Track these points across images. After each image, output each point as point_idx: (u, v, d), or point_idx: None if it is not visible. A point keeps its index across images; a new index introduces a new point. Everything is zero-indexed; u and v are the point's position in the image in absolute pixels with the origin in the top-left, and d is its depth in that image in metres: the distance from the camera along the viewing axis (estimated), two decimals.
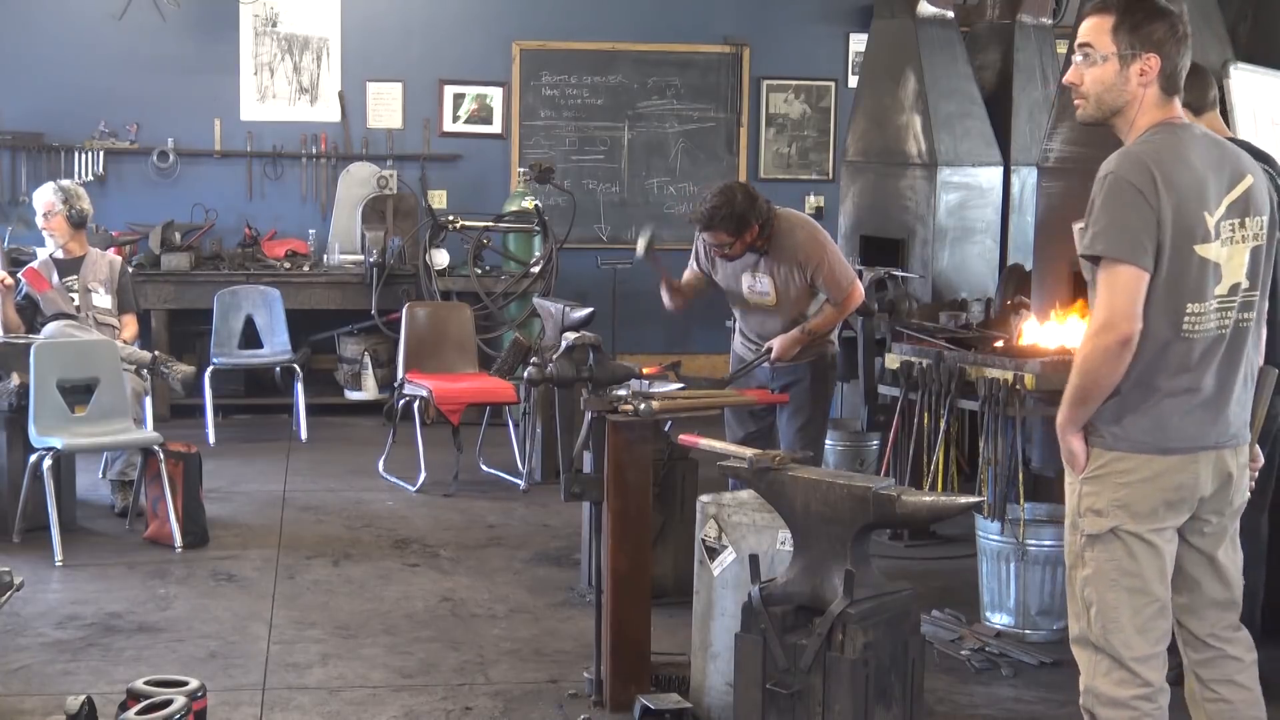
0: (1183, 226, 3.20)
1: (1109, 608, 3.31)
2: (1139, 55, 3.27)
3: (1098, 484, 3.31)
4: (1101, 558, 3.31)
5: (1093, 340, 3.22)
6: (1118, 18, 3.29)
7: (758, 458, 4.00)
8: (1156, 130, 3.28)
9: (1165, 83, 3.29)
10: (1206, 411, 3.30)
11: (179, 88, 9.92)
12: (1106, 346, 3.19)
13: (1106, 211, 3.19)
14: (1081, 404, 3.30)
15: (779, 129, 10.80)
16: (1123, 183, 3.18)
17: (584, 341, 4.64)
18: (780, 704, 3.79)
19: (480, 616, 5.58)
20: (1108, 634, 3.31)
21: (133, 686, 4.12)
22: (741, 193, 5.63)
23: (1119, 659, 3.30)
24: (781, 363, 5.84)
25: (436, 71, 10.29)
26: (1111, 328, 3.18)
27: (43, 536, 6.24)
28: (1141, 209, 3.16)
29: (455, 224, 9.46)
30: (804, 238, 5.76)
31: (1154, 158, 3.21)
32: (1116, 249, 3.17)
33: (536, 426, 7.73)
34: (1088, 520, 3.32)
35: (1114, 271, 3.18)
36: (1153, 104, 3.30)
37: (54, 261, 7.46)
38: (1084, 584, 3.35)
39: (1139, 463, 3.27)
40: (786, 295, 5.80)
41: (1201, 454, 3.30)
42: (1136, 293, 3.17)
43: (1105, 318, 3.19)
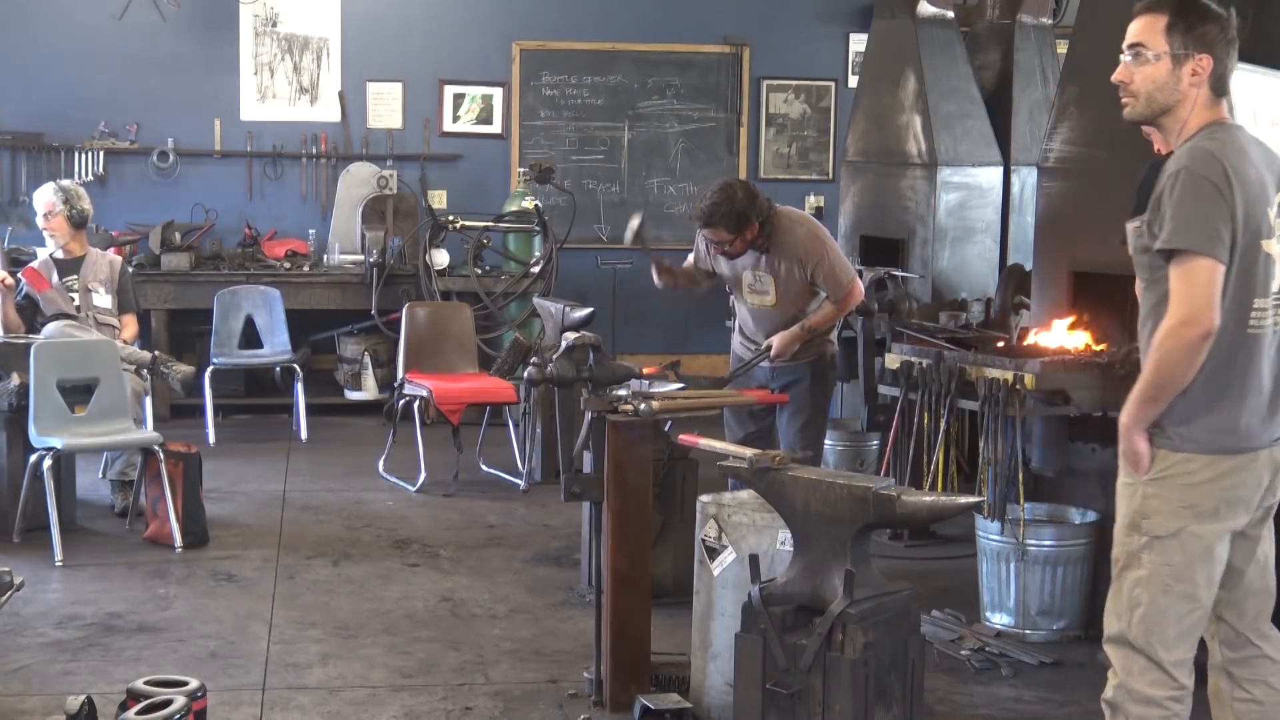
0: (1251, 221, 3.23)
1: (1157, 612, 3.31)
2: (1191, 55, 3.31)
3: (1162, 486, 3.31)
4: (1158, 561, 3.31)
5: (1174, 335, 3.20)
6: (1171, 17, 3.33)
7: (758, 458, 4.00)
8: (1213, 129, 3.31)
9: (1216, 83, 3.34)
10: (1266, 409, 3.33)
11: (179, 88, 9.92)
12: (1189, 341, 3.18)
13: (1183, 205, 3.19)
14: (1154, 401, 3.28)
15: (779, 129, 10.80)
16: (1198, 177, 3.19)
17: (584, 341, 4.64)
18: (780, 704, 3.79)
19: (480, 616, 5.58)
20: (1149, 636, 3.32)
21: (133, 686, 4.12)
22: (742, 190, 5.64)
23: (1157, 661, 3.32)
24: (781, 361, 5.84)
25: (436, 71, 10.29)
26: (1193, 322, 3.17)
27: (43, 536, 6.24)
28: (1218, 203, 3.18)
29: (455, 224, 9.46)
30: (804, 235, 5.77)
31: (1223, 153, 3.23)
32: (1196, 242, 3.17)
33: (536, 426, 7.73)
34: (1153, 522, 3.31)
35: (1193, 265, 3.18)
36: (1204, 104, 3.34)
37: (54, 261, 7.46)
38: (1135, 585, 3.34)
39: (1205, 463, 3.28)
40: (787, 294, 5.80)
41: (1261, 452, 3.34)
42: (1216, 286, 3.18)
43: (1187, 312, 3.18)
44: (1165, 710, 3.33)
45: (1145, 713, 3.33)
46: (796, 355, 5.83)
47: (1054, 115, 6.19)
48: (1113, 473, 5.36)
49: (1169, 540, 3.29)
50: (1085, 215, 5.71)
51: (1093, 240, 5.05)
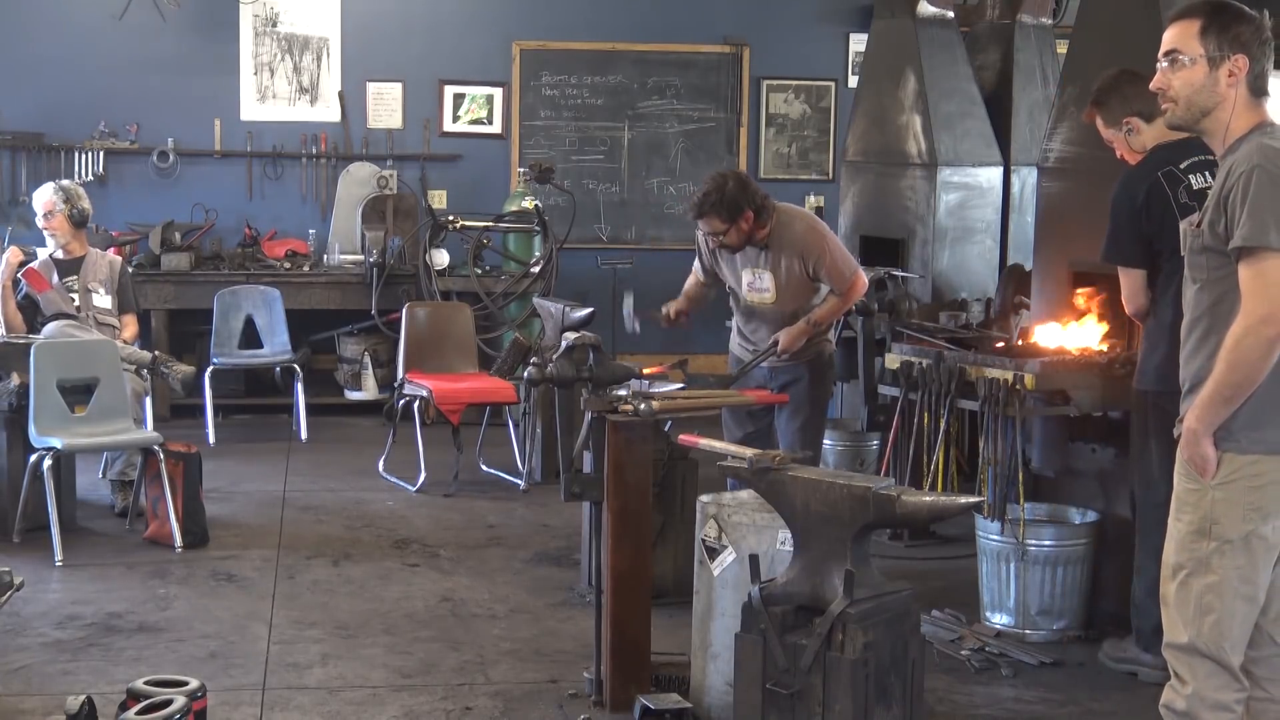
0: None
1: (1228, 616, 3.31)
2: (1227, 57, 3.31)
3: (1230, 490, 3.30)
4: (1229, 565, 3.30)
5: (1253, 334, 3.17)
6: (1205, 21, 3.34)
7: (758, 458, 4.00)
8: (1269, 128, 3.31)
9: (1254, 83, 3.34)
10: None
11: (179, 88, 9.93)
12: (1269, 339, 3.17)
13: (1261, 202, 3.17)
14: (1228, 403, 3.24)
15: (779, 129, 10.80)
16: (1272, 175, 3.19)
17: (584, 341, 4.64)
18: (780, 704, 3.79)
19: (480, 616, 5.58)
20: (1221, 640, 3.31)
21: (133, 686, 4.12)
22: (734, 180, 5.65)
23: (1227, 665, 3.32)
24: (782, 360, 5.84)
25: (436, 71, 10.29)
26: (1273, 320, 3.15)
27: (43, 536, 6.24)
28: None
29: (455, 224, 9.46)
30: (804, 230, 5.77)
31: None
32: (1275, 239, 3.16)
33: (536, 426, 7.73)
34: (1223, 527, 3.29)
35: (1271, 261, 3.16)
36: (1244, 105, 3.34)
37: (54, 262, 7.46)
38: (1205, 591, 3.32)
39: (1273, 465, 3.28)
40: (786, 292, 5.80)
41: None
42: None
43: (1265, 310, 3.16)
44: (1234, 713, 3.35)
45: (1218, 718, 3.34)
46: (796, 355, 5.84)
47: (1054, 115, 6.19)
48: (1112, 472, 5.41)
49: (1238, 544, 3.29)
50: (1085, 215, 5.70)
51: (1093, 240, 5.05)
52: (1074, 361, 5.39)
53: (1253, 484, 3.28)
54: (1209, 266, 3.31)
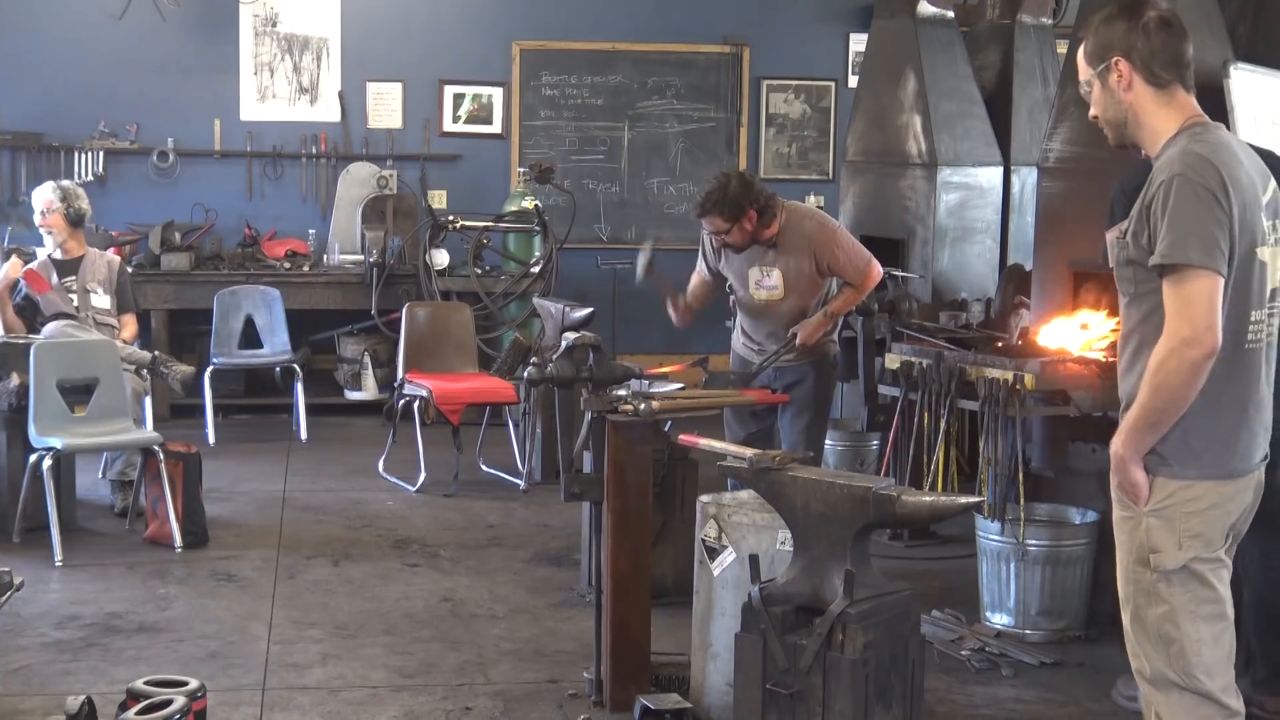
0: (1246, 229, 3.05)
1: (1192, 641, 3.10)
2: (1108, 65, 3.16)
3: (1164, 517, 3.11)
4: (1178, 591, 3.10)
5: (1176, 356, 2.98)
6: (1085, 41, 3.23)
7: (758, 458, 4.00)
8: (1197, 130, 3.12)
9: (1149, 77, 3.13)
10: (1259, 429, 3.18)
11: (179, 88, 9.93)
12: (1192, 361, 2.97)
13: (1181, 216, 2.98)
14: (1154, 429, 3.06)
15: (779, 129, 10.80)
16: (1194, 185, 2.99)
17: (584, 341, 4.63)
18: (780, 704, 3.79)
19: (480, 616, 5.58)
20: (1191, 669, 3.10)
21: (133, 686, 4.12)
22: (736, 179, 5.66)
23: (1206, 693, 3.11)
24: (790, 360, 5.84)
25: (436, 71, 10.29)
26: (1196, 341, 2.96)
27: (43, 536, 6.24)
28: (1215, 211, 2.99)
29: (455, 224, 9.47)
30: (813, 228, 5.78)
31: (1217, 156, 3.04)
32: (1195, 255, 2.96)
33: (536, 426, 7.73)
34: (1162, 556, 3.10)
35: (1193, 280, 2.97)
36: (1153, 103, 3.15)
37: (53, 262, 7.46)
38: (1161, 621, 3.12)
39: (1206, 489, 3.10)
40: (795, 290, 5.80)
41: (1250, 474, 3.18)
42: (1216, 302, 2.98)
43: (1188, 332, 2.96)
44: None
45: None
46: (801, 354, 5.84)
47: (1054, 115, 6.19)
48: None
49: (1183, 572, 3.10)
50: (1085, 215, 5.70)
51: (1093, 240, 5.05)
52: (1074, 362, 5.38)
53: (1188, 509, 3.09)
54: (1136, 279, 3.12)
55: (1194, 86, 3.19)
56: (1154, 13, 3.15)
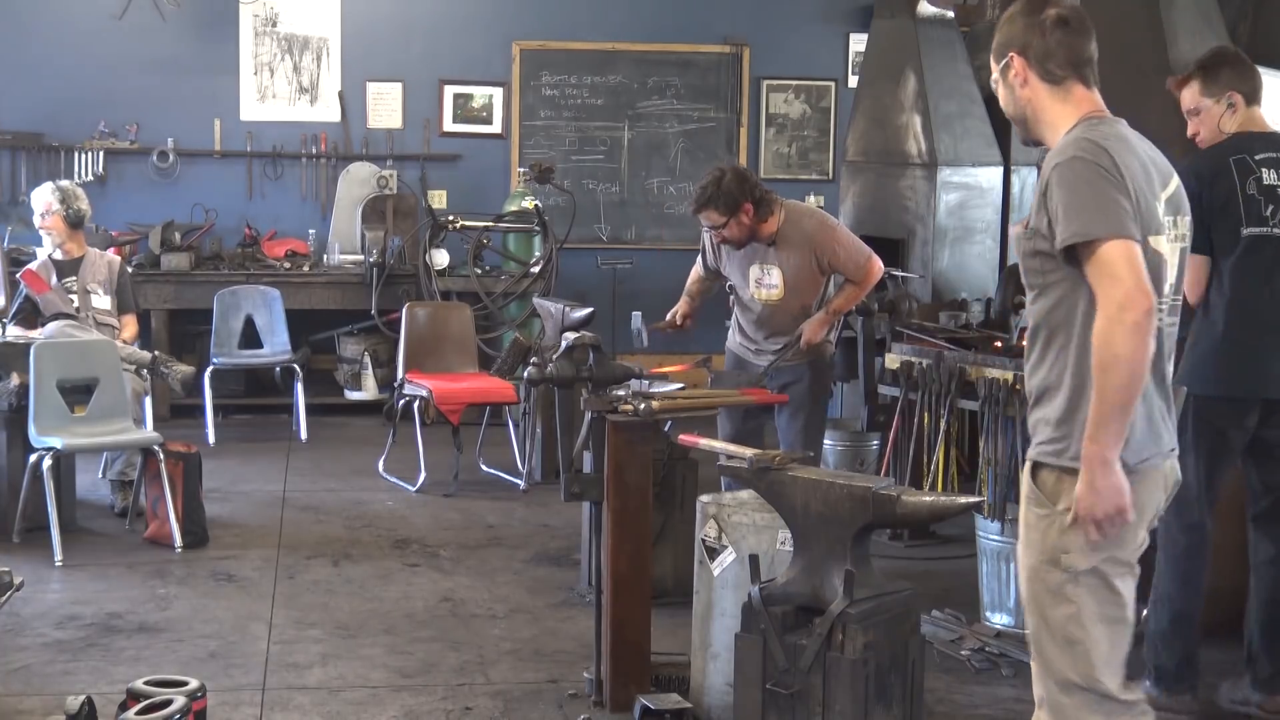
0: (1143, 213, 3.00)
1: (1094, 643, 3.05)
2: (1007, 61, 3.18)
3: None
4: (1084, 594, 3.04)
5: (1117, 323, 2.88)
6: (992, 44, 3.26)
7: (758, 458, 4.00)
8: (1093, 122, 3.10)
9: (1044, 74, 3.14)
10: (1160, 418, 3.11)
11: (179, 88, 9.93)
12: (1135, 323, 2.87)
13: (1080, 194, 2.95)
14: (1123, 411, 2.92)
15: (779, 129, 10.80)
16: (1089, 164, 2.97)
17: (584, 341, 4.63)
18: (780, 704, 3.79)
19: (480, 616, 5.58)
20: (1094, 670, 3.05)
21: (133, 686, 4.12)
22: (732, 173, 5.68)
23: (1106, 693, 3.06)
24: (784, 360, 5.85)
25: (436, 71, 10.30)
26: (1131, 303, 2.87)
27: (43, 536, 6.24)
28: (1119, 186, 2.95)
29: (455, 224, 9.47)
30: (813, 226, 5.79)
31: (1105, 142, 3.02)
32: (1105, 227, 2.91)
33: (536, 426, 7.73)
34: (1074, 556, 3.03)
35: (1108, 250, 2.91)
36: (1050, 99, 3.16)
37: (53, 263, 7.46)
38: (1066, 622, 3.06)
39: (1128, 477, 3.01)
40: (795, 288, 5.80)
41: (1161, 462, 3.13)
42: (1139, 262, 2.91)
43: (1120, 296, 2.88)
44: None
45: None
46: (795, 355, 5.84)
47: None
48: None
49: (1091, 573, 3.04)
50: None
51: None
52: None
53: None
54: (1042, 270, 3.06)
55: (1097, 82, 3.18)
56: (1052, 11, 3.15)
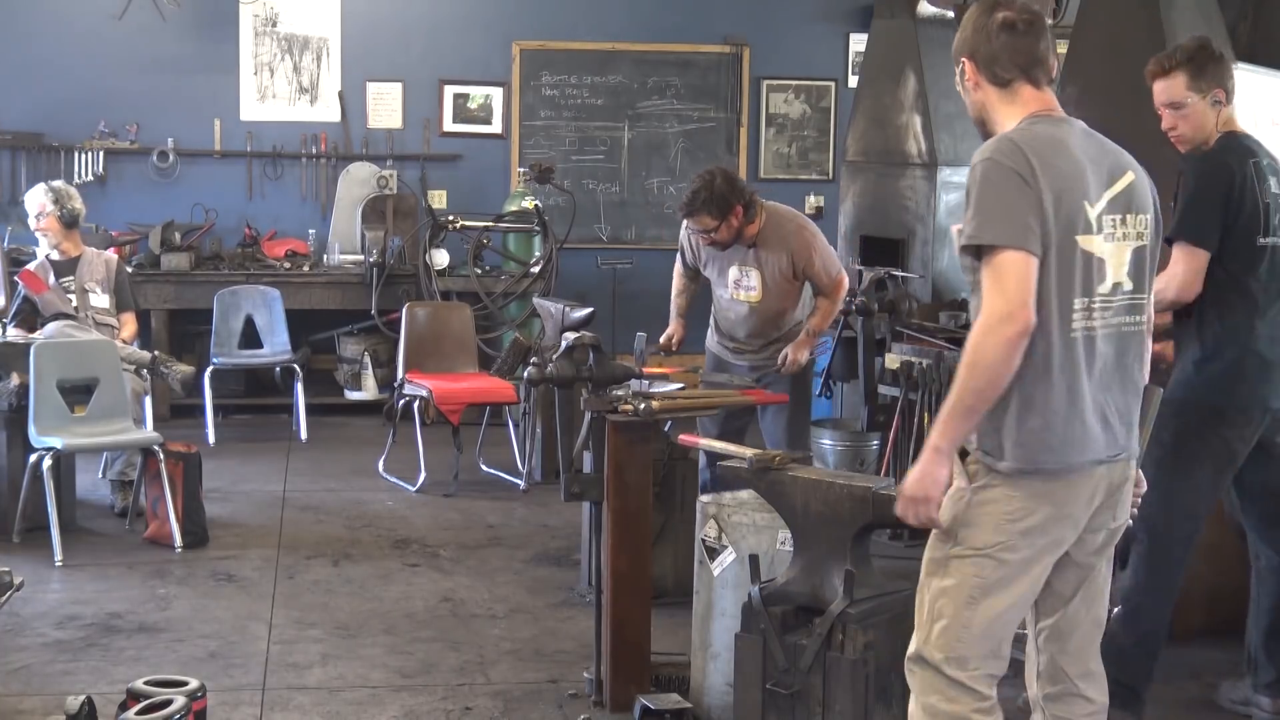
0: (1063, 214, 3.01)
1: (959, 626, 3.08)
2: (960, 69, 3.24)
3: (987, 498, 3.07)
4: (969, 573, 3.07)
5: (992, 333, 2.92)
6: None
7: (758, 458, 4.00)
8: (1032, 120, 3.13)
9: (992, 77, 3.18)
10: (1093, 421, 3.07)
11: (179, 88, 9.93)
12: (1007, 338, 2.91)
13: (986, 197, 3.00)
14: (971, 412, 2.99)
15: (779, 129, 10.80)
16: (1000, 167, 3.00)
17: (584, 341, 4.63)
18: (780, 704, 3.79)
19: (480, 616, 5.58)
20: (947, 652, 3.09)
21: (133, 686, 4.12)
22: (721, 176, 5.72)
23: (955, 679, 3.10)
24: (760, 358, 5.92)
25: (436, 71, 10.29)
26: (1009, 318, 2.91)
27: (43, 536, 6.24)
28: (1023, 191, 2.97)
29: (455, 224, 9.47)
30: (794, 230, 5.88)
31: (1029, 143, 3.04)
32: (1004, 235, 2.95)
33: (536, 426, 7.73)
34: (971, 532, 3.07)
35: (1003, 259, 2.94)
36: (998, 101, 3.19)
37: (50, 263, 7.45)
38: (939, 595, 3.10)
39: (1030, 479, 3.04)
40: (772, 291, 5.88)
41: (1090, 468, 3.08)
42: (1029, 279, 2.94)
43: (1002, 308, 2.91)
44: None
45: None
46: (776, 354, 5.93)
47: None
48: None
49: (983, 554, 3.05)
50: None
51: None
52: None
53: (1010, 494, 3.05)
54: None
55: (1048, 82, 3.19)
56: (1000, 15, 3.17)
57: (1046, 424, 3.03)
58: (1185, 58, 4.41)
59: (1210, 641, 5.21)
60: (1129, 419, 3.16)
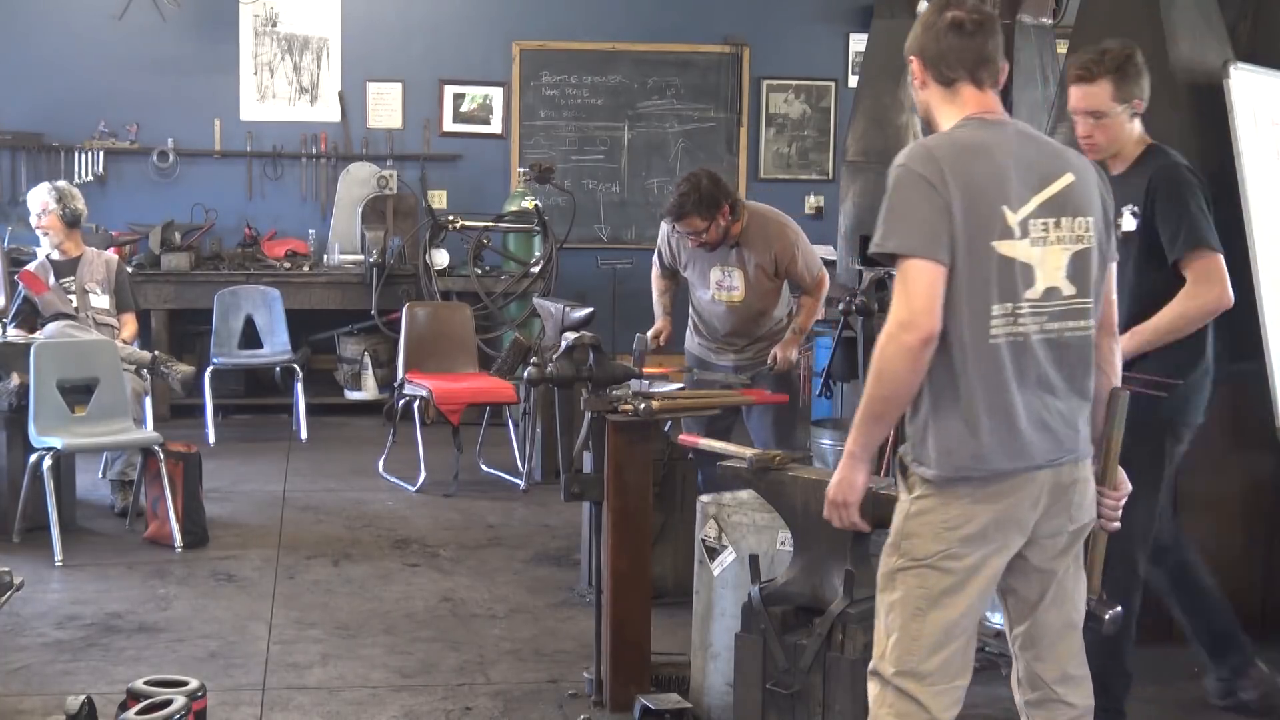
0: (977, 220, 2.96)
1: (909, 639, 3.04)
2: (908, 69, 3.25)
3: (924, 507, 3.06)
4: (913, 584, 3.04)
5: (894, 341, 2.93)
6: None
7: (758, 458, 4.00)
8: (964, 122, 3.13)
9: (937, 75, 3.18)
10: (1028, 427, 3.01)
11: (179, 88, 9.93)
12: (908, 347, 2.92)
13: (895, 204, 3.00)
14: (879, 420, 3.03)
15: (779, 129, 10.80)
16: (910, 174, 3.00)
17: (584, 341, 4.63)
18: (780, 704, 3.79)
19: (480, 616, 5.58)
20: (900, 665, 3.05)
21: (133, 686, 4.12)
22: (707, 177, 5.75)
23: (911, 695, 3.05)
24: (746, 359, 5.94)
25: (436, 71, 10.30)
26: (911, 325, 2.91)
27: (43, 536, 6.24)
28: (931, 199, 2.96)
29: (455, 224, 9.47)
30: (776, 229, 5.94)
31: (944, 149, 3.03)
32: (908, 243, 2.95)
33: (536, 426, 7.73)
34: (913, 543, 3.05)
35: (908, 267, 2.94)
36: (941, 101, 3.20)
37: (51, 263, 7.46)
38: (889, 609, 3.07)
39: (955, 486, 3.01)
40: (755, 290, 5.91)
41: (1039, 473, 3.03)
42: (933, 288, 2.92)
43: (904, 316, 2.92)
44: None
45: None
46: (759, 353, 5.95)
47: (1054, 115, 6.18)
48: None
49: (927, 565, 3.02)
50: None
51: None
52: None
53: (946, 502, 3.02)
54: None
55: (993, 84, 3.20)
56: (948, 14, 3.18)
57: (968, 431, 2.98)
58: (1114, 66, 4.35)
59: None
60: (1073, 423, 3.09)
